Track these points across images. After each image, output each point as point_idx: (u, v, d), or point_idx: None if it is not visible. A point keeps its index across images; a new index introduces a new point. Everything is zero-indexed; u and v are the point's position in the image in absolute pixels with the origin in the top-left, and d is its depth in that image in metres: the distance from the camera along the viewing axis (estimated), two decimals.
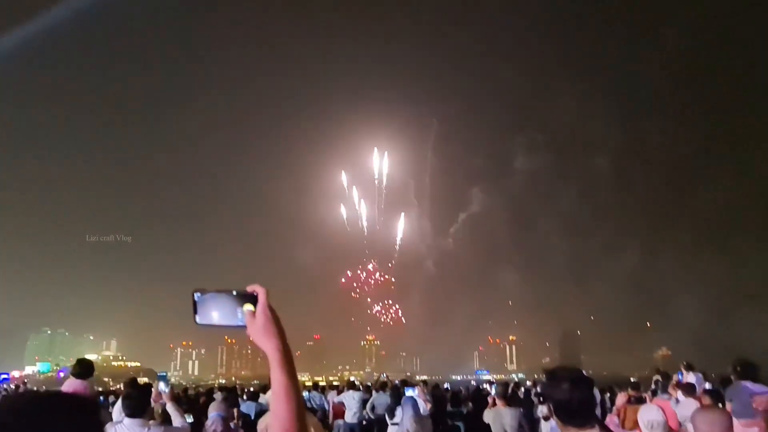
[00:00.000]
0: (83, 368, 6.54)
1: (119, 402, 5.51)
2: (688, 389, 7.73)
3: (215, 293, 1.55)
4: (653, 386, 12.36)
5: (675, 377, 10.96)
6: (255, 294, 1.51)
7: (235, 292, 1.54)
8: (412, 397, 9.77)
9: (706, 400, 6.37)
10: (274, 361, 1.44)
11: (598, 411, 11.49)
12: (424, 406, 10.36)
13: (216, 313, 1.54)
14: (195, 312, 1.55)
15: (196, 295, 1.55)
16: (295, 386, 1.43)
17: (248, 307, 1.51)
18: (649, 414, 4.17)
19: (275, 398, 1.42)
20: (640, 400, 5.63)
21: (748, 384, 6.26)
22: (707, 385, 9.67)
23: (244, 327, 1.51)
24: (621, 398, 5.92)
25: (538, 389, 15.22)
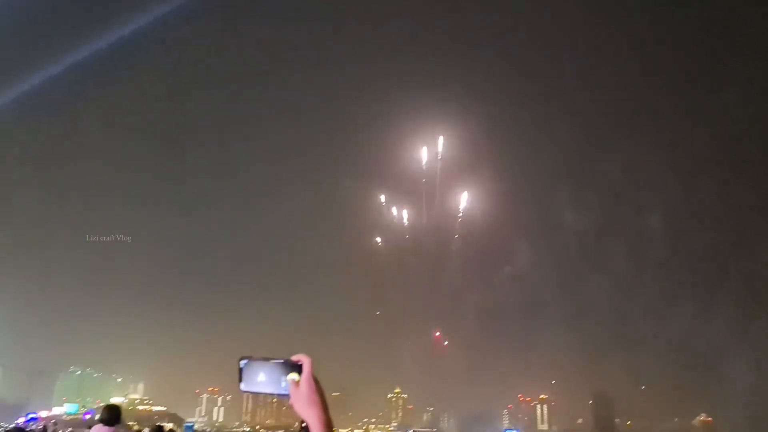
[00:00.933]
0: (111, 415, 6.63)
1: None
2: None
3: (260, 361, 1.59)
4: None
5: None
6: (300, 363, 1.54)
7: (280, 361, 1.57)
8: None
9: None
10: (314, 427, 1.47)
11: None
12: None
13: (260, 380, 1.58)
14: (240, 379, 1.60)
15: (242, 362, 1.60)
16: None
17: (293, 376, 1.53)
18: None
19: None
20: None
21: None
22: None
23: (287, 396, 1.55)
24: None
25: None
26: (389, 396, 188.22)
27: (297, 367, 1.54)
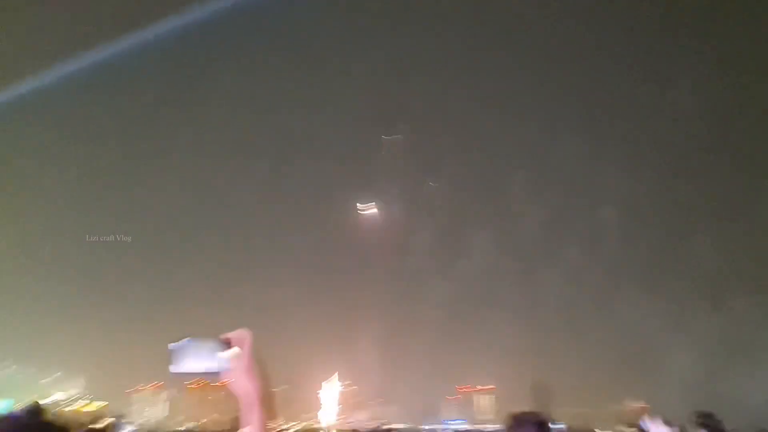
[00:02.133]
0: (31, 413, 6.48)
1: None
2: None
3: (192, 340, 1.56)
4: None
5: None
6: (231, 340, 1.53)
7: (214, 340, 1.55)
8: None
9: None
10: (253, 402, 1.45)
11: None
12: None
13: (193, 359, 1.54)
14: (172, 362, 1.55)
15: (174, 345, 1.56)
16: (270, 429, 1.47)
17: (233, 350, 1.52)
18: None
19: None
20: None
21: None
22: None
23: (220, 371, 1.52)
24: None
25: None
26: (336, 389, 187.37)
27: (229, 345, 1.50)
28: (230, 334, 1.52)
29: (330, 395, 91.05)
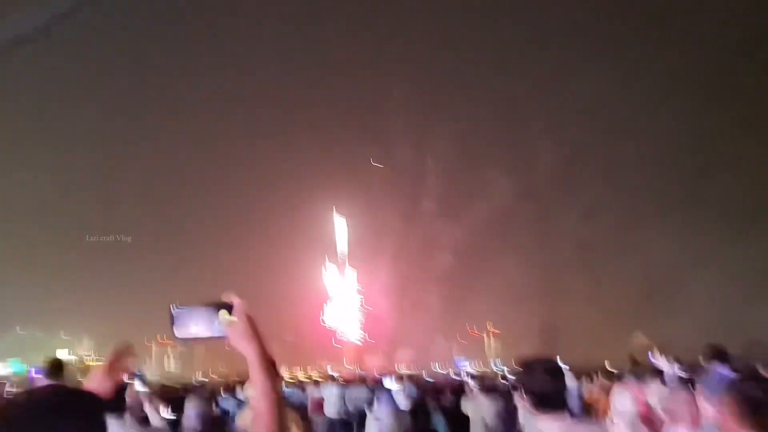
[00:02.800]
0: (54, 368, 6.44)
1: None
2: (655, 374, 7.88)
3: (191, 307, 1.58)
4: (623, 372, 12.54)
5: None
6: (230, 303, 1.55)
7: (211, 303, 1.57)
8: (389, 390, 9.81)
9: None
10: (254, 365, 1.49)
11: (576, 400, 11.67)
12: (403, 400, 10.41)
13: (194, 325, 1.57)
14: (173, 326, 1.58)
15: (174, 310, 1.58)
16: (275, 388, 1.49)
17: (226, 315, 1.55)
18: (620, 401, 4.29)
19: (256, 400, 1.47)
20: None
21: (718, 367, 6.43)
22: (678, 371, 9.88)
23: (222, 337, 1.55)
24: (593, 391, 5.91)
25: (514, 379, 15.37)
26: (343, 334, 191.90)
27: (229, 308, 1.55)
28: (227, 297, 1.56)
29: (342, 343, 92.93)
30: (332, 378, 15.74)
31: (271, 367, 1.51)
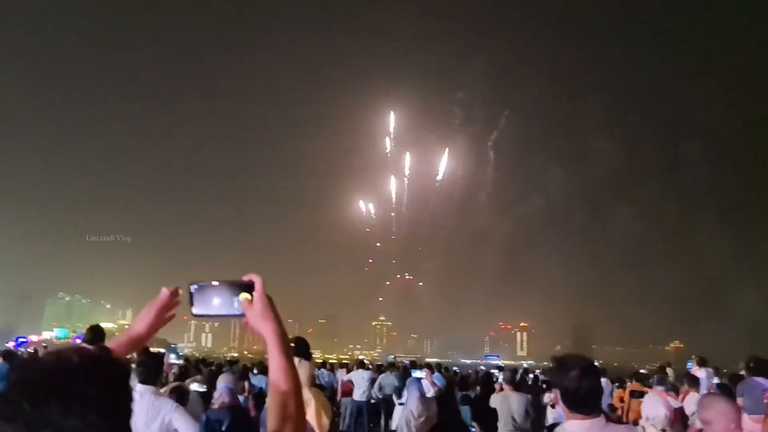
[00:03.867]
0: (95, 334, 6.60)
1: (133, 369, 5.53)
2: (692, 382, 7.67)
3: (211, 284, 1.57)
4: (653, 378, 12.29)
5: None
6: (251, 283, 1.55)
7: (231, 282, 1.57)
8: (417, 379, 9.83)
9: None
10: (272, 344, 1.50)
11: (607, 401, 11.52)
12: (430, 388, 10.44)
13: (212, 303, 1.57)
14: (191, 304, 1.58)
15: (193, 287, 1.58)
16: (291, 366, 1.50)
17: (245, 295, 1.54)
18: (652, 407, 4.18)
19: (273, 378, 1.48)
20: (642, 395, 5.56)
21: (761, 380, 6.21)
22: (716, 380, 9.62)
23: (241, 315, 1.55)
24: (620, 395, 5.76)
25: (546, 377, 15.23)
26: (374, 323, 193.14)
27: (248, 287, 1.55)
28: (245, 278, 1.55)
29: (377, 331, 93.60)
30: (362, 363, 15.87)
31: (288, 347, 1.52)
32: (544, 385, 13.22)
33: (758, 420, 5.70)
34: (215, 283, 1.57)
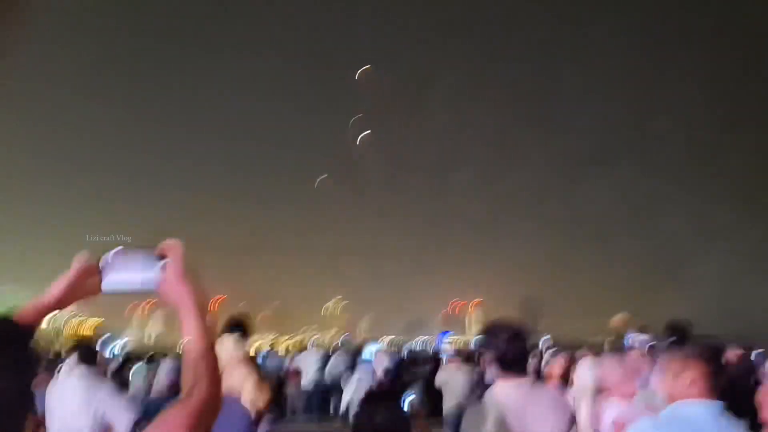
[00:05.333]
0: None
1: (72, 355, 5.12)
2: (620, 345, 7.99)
3: (123, 255, 1.43)
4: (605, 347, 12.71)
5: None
6: (165, 251, 1.45)
7: (145, 250, 1.44)
8: (368, 362, 9.82)
9: (645, 358, 6.59)
10: (185, 309, 1.42)
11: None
12: (380, 373, 10.36)
13: (125, 275, 1.42)
14: (100, 278, 1.42)
15: (104, 259, 1.42)
16: (204, 330, 1.43)
17: (161, 262, 1.42)
18: (581, 372, 4.35)
19: (191, 346, 1.42)
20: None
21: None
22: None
23: (154, 286, 1.43)
24: (560, 362, 5.89)
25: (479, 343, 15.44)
26: (328, 304, 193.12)
27: (163, 257, 1.42)
28: (162, 244, 1.46)
29: (326, 310, 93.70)
30: (311, 346, 15.69)
31: (204, 313, 1.45)
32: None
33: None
34: (128, 255, 1.42)
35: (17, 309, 1.41)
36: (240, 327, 3.89)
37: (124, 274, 1.42)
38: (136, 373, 7.97)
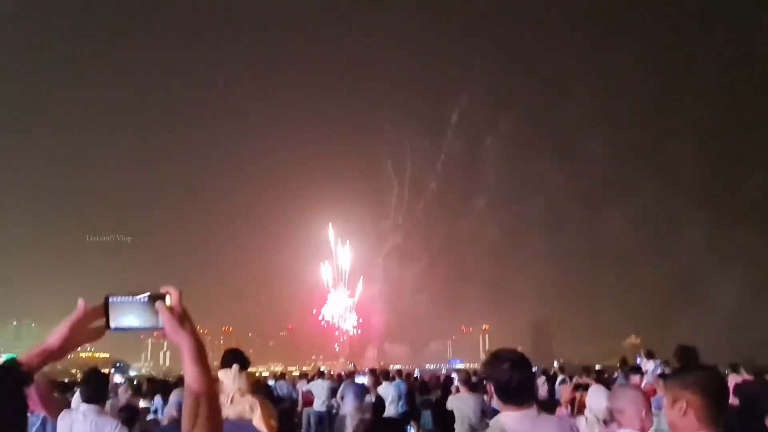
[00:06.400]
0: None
1: (78, 390, 5.37)
2: (633, 372, 7.92)
3: (128, 297, 1.57)
4: (616, 374, 12.61)
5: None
6: (166, 293, 1.56)
7: (146, 294, 1.57)
8: (354, 384, 9.93)
9: (659, 385, 6.54)
10: (186, 352, 1.52)
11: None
12: (369, 396, 10.49)
13: (130, 316, 1.56)
14: (107, 318, 1.55)
15: (110, 300, 1.56)
16: (205, 373, 1.53)
17: (161, 305, 1.54)
18: (594, 398, 4.31)
19: (187, 382, 1.51)
20: (587, 387, 5.73)
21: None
22: (660, 371, 9.91)
23: (157, 328, 1.55)
24: (565, 390, 5.90)
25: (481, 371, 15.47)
26: (336, 333, 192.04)
27: (164, 299, 1.56)
28: (164, 289, 1.57)
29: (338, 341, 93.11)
30: (322, 373, 15.86)
31: (203, 355, 1.56)
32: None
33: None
34: (131, 297, 1.57)
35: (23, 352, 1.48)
36: (238, 359, 4.02)
37: (127, 317, 1.56)
38: (147, 400, 8.10)
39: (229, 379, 3.83)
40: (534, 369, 3.50)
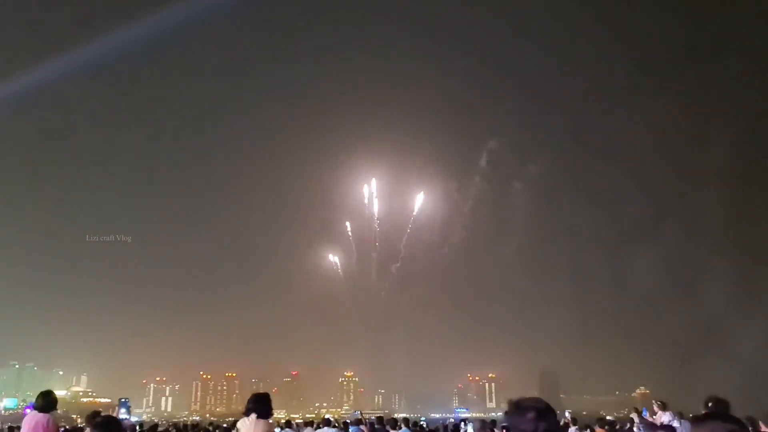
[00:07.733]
0: (46, 401, 6.37)
1: None
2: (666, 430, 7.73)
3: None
4: (628, 425, 12.35)
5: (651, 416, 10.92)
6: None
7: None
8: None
9: None
10: None
11: None
12: None
13: None
14: None
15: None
16: None
17: None
18: None
19: None
20: None
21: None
22: (677, 423, 9.70)
23: None
24: None
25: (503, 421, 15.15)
26: (340, 380, 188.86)
27: None
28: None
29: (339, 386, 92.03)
30: (327, 421, 15.59)
31: None
32: None
33: None
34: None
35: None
36: (262, 408, 4.01)
37: None
38: None
39: (245, 427, 3.83)
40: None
